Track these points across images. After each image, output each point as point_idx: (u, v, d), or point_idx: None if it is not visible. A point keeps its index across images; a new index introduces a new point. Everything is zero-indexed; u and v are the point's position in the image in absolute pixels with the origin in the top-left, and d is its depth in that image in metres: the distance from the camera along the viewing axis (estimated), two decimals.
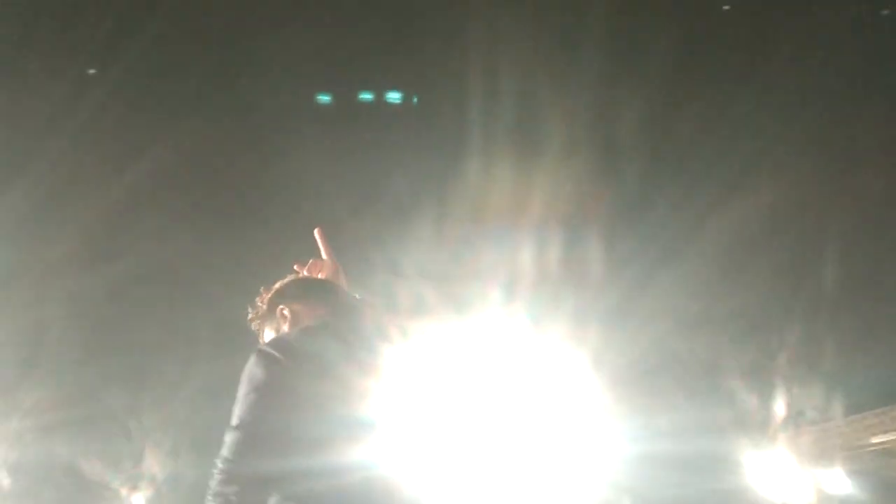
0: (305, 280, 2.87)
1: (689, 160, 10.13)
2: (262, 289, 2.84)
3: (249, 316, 2.82)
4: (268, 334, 2.74)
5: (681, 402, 11.29)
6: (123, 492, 11.20)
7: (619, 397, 11.40)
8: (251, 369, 2.42)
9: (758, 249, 10.90)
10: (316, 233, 2.88)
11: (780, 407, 11.86)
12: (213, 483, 2.33)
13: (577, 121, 9.63)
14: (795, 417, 12.03)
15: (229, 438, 2.35)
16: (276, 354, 2.42)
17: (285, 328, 2.70)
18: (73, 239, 8.96)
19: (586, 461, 11.62)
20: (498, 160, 10.40)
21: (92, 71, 9.21)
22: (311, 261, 2.98)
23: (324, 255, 2.95)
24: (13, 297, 9.16)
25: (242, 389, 2.40)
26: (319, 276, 2.98)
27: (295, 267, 2.88)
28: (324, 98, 9.78)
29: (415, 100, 9.52)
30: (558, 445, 11.48)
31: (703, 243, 10.77)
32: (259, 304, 2.83)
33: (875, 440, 10.65)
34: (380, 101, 9.74)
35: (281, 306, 2.79)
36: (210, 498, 2.32)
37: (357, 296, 2.95)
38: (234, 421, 2.35)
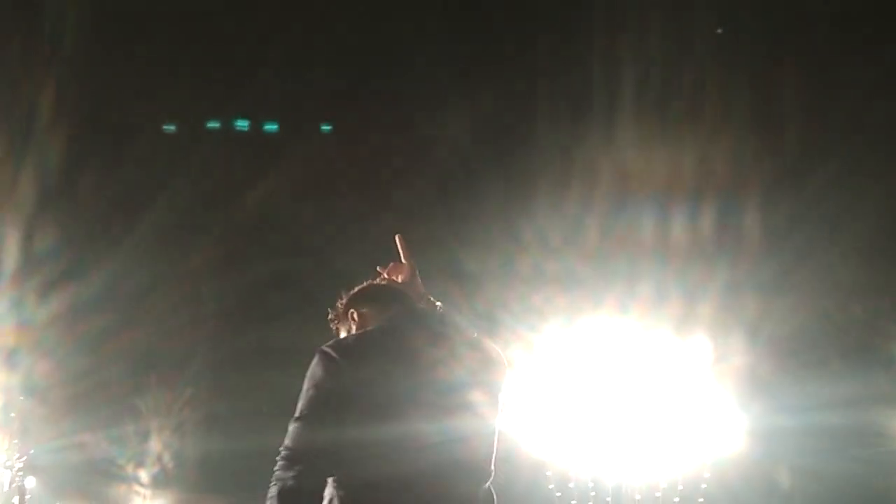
0: (376, 286, 2.99)
1: (852, 127, 9.67)
2: (341, 293, 2.97)
3: (329, 317, 2.96)
4: (341, 335, 2.91)
5: (841, 372, 10.89)
6: None
7: (777, 368, 11.27)
8: (312, 367, 2.60)
9: None
10: (397, 238, 2.91)
11: None
12: (275, 469, 2.54)
13: (736, 89, 9.19)
14: None
15: (290, 429, 2.55)
16: (333, 354, 2.59)
17: (354, 330, 2.87)
18: (215, 247, 9.63)
19: (742, 434, 11.26)
20: (652, 130, 10.33)
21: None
22: (391, 264, 2.98)
23: (402, 259, 2.96)
24: (165, 300, 10.19)
25: (305, 386, 2.59)
26: (399, 278, 3.01)
27: (378, 269, 3.00)
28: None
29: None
30: (712, 418, 11.13)
31: (865, 209, 10.29)
32: (338, 306, 2.95)
33: None
34: None
35: (352, 310, 2.92)
36: (272, 483, 2.53)
37: (430, 300, 2.99)
38: (296, 413, 2.57)
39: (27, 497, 8.68)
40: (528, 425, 11.50)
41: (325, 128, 9.50)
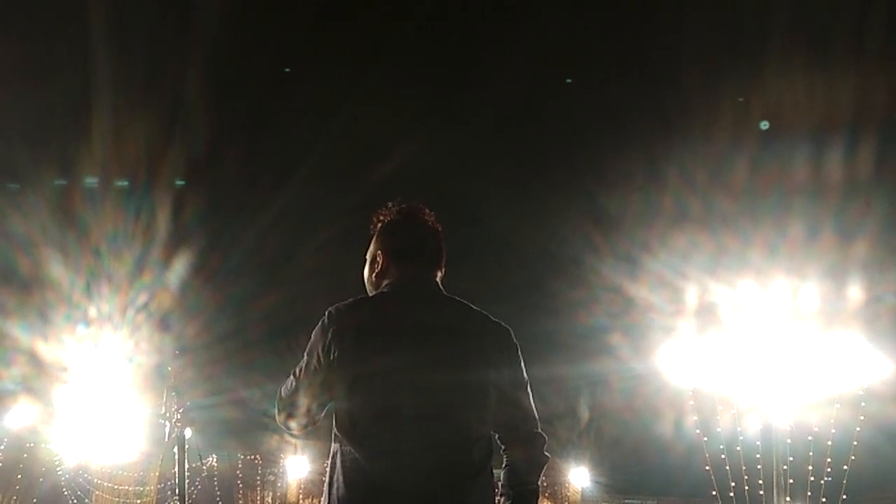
0: (409, 247, 2.90)
1: None
2: (391, 206, 2.94)
3: (371, 226, 2.97)
4: (368, 253, 2.95)
5: None
6: None
7: None
8: (314, 329, 2.76)
9: None
10: None
11: None
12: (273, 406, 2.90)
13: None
14: None
15: (288, 379, 2.80)
16: (328, 323, 2.72)
17: (377, 264, 2.89)
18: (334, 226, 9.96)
19: None
20: (805, 58, 9.55)
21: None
22: None
23: None
24: (289, 273, 11.23)
25: (308, 344, 2.79)
26: None
27: None
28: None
29: None
30: (866, 360, 10.63)
31: None
32: (387, 213, 2.95)
33: None
34: None
35: (380, 251, 2.93)
36: None
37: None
38: (294, 368, 2.79)
39: (186, 446, 8.61)
40: (672, 370, 11.39)
41: None
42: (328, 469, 2.76)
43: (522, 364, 2.85)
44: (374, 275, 2.93)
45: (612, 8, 9.10)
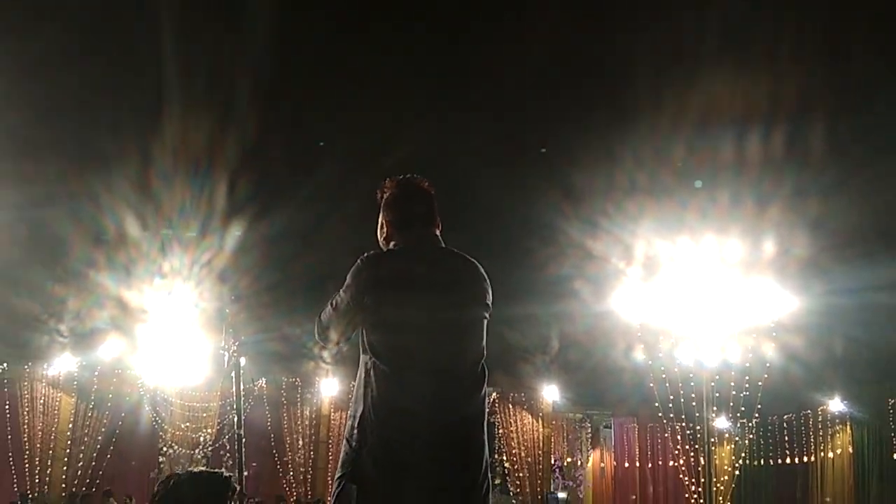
0: (405, 216, 3.22)
1: None
2: (392, 180, 3.31)
3: (378, 194, 3.31)
4: (379, 220, 3.30)
5: (889, 260, 11.66)
6: None
7: (835, 257, 12.23)
8: (352, 269, 3.07)
9: None
10: None
11: None
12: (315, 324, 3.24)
13: (808, 31, 9.70)
14: None
15: (327, 307, 3.14)
16: (361, 266, 3.04)
17: (382, 229, 3.27)
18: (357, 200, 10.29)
19: (804, 311, 12.64)
20: (731, 65, 10.44)
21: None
22: None
23: None
24: (322, 238, 11.99)
25: (346, 281, 3.09)
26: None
27: None
28: None
29: None
30: (777, 299, 12.38)
31: None
32: (387, 187, 3.30)
33: None
34: None
35: (385, 220, 3.26)
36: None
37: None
38: (334, 297, 3.11)
39: (241, 372, 10.50)
40: (624, 309, 12.97)
41: None
42: (363, 376, 3.03)
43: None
44: (383, 239, 3.27)
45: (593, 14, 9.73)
